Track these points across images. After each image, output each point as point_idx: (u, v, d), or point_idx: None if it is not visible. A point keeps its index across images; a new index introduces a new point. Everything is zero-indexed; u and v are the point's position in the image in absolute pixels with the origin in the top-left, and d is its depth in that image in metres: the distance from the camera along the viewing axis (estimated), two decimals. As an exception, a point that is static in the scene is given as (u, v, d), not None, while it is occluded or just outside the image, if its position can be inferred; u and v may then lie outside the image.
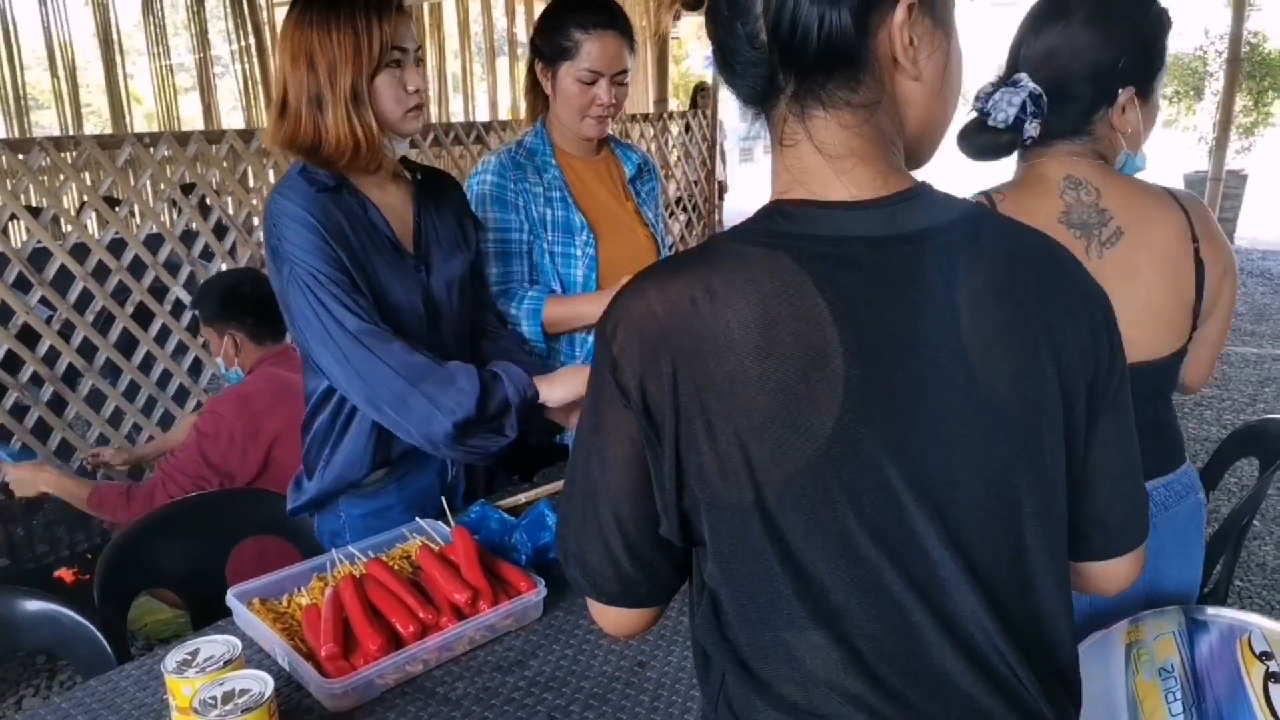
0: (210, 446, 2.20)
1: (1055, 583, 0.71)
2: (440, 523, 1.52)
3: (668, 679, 1.19)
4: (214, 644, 1.09)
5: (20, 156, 2.94)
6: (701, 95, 6.87)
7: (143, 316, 3.29)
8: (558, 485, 1.76)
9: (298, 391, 1.92)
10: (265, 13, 8.78)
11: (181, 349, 3.43)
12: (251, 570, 1.67)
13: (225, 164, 3.48)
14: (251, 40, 8.65)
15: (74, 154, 3.09)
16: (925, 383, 0.66)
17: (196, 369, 3.49)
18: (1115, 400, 0.75)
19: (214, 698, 1.00)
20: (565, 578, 0.82)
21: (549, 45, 1.85)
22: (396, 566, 1.38)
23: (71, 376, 3.13)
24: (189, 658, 1.07)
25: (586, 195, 1.95)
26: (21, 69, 7.17)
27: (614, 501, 0.73)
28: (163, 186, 3.36)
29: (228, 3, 8.53)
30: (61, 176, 3.37)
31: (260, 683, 1.02)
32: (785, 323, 0.65)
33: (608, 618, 0.80)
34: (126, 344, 3.26)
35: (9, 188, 2.94)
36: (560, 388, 1.52)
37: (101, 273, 3.17)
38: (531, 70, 1.92)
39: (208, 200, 3.53)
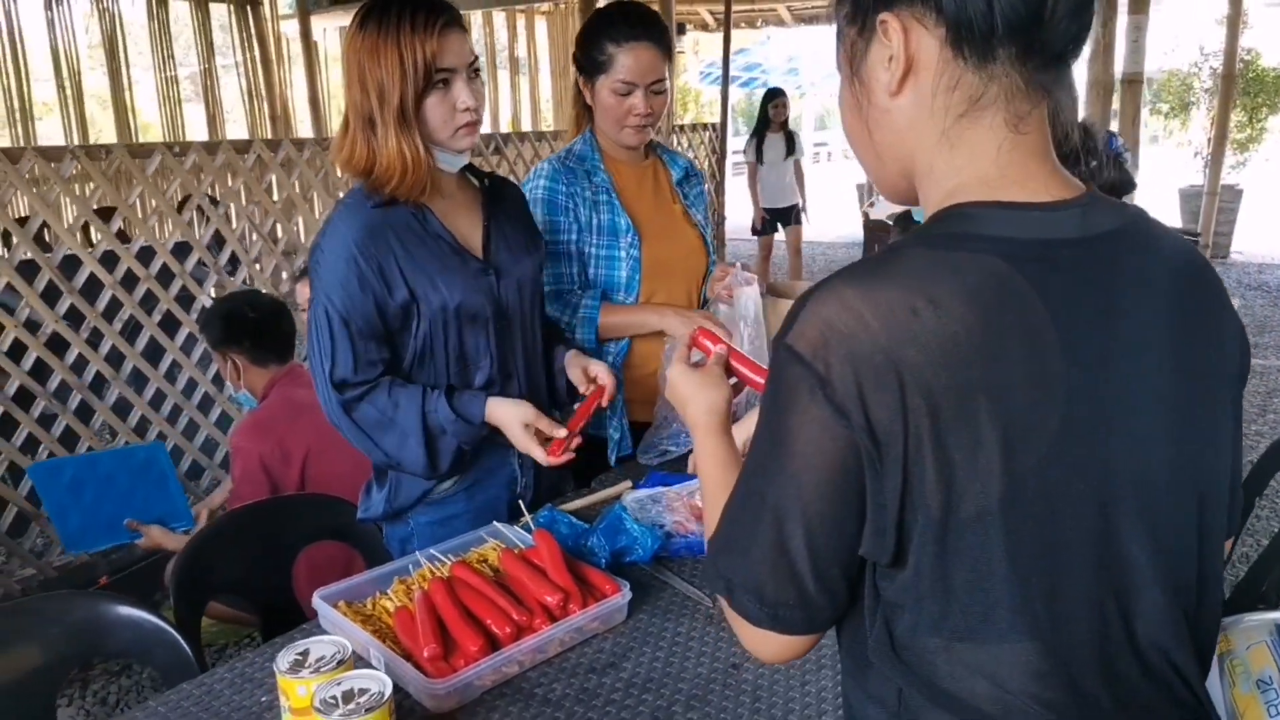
0: (250, 488, 2.23)
1: (1219, 581, 0.73)
2: (515, 527, 1.53)
3: (764, 680, 1.20)
4: (323, 645, 1.09)
5: (53, 164, 2.93)
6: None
7: (169, 325, 3.29)
8: (617, 489, 1.77)
9: (314, 407, 2.02)
10: (270, 25, 8.80)
11: (206, 358, 3.41)
12: (317, 576, 1.67)
13: (253, 173, 3.48)
14: (256, 51, 8.67)
15: (104, 162, 3.08)
16: (1131, 383, 0.67)
17: (220, 379, 3.47)
18: (1239, 397, 0.77)
19: (334, 697, 1.00)
20: (640, 583, 0.79)
21: (586, 60, 1.89)
22: (478, 570, 1.38)
23: (99, 385, 3.11)
24: (300, 658, 1.07)
25: (633, 199, 1.97)
26: (28, 79, 7.16)
27: (808, 524, 0.69)
28: (191, 195, 3.35)
29: (232, 15, 8.55)
30: (91, 185, 3.35)
31: (379, 682, 1.02)
32: (1010, 330, 0.65)
33: (770, 646, 0.75)
34: (153, 353, 3.25)
35: (34, 194, 2.93)
36: (503, 408, 1.53)
37: (130, 281, 3.16)
38: (576, 84, 1.95)
39: (233, 210, 3.53)
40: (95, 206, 3.16)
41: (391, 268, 1.47)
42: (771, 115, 6.88)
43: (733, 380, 1.13)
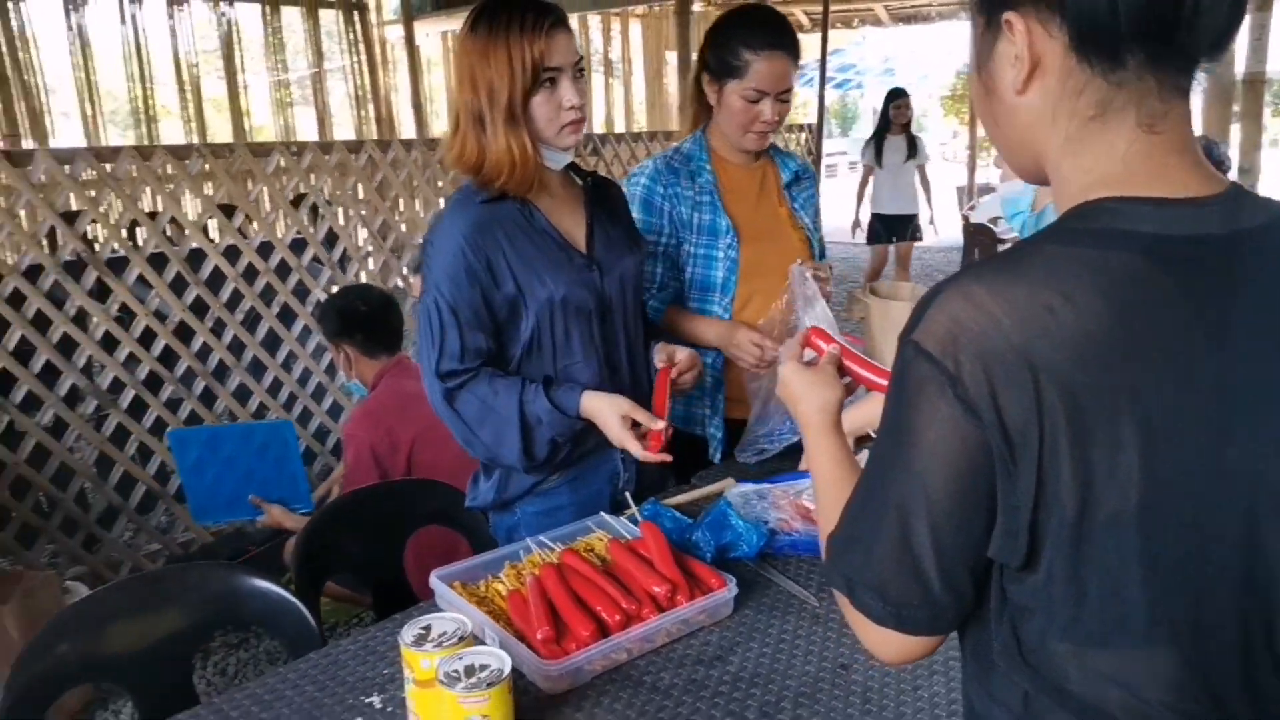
0: (361, 474, 2.33)
1: None
2: (621, 518, 1.55)
3: (874, 682, 1.19)
4: (444, 621, 1.14)
5: (183, 162, 3.11)
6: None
7: (286, 317, 3.44)
8: (720, 485, 1.78)
9: (420, 398, 2.12)
10: (376, 30, 9.11)
11: (320, 349, 3.57)
12: (425, 559, 1.74)
13: (364, 172, 3.62)
14: (363, 56, 8.99)
15: (227, 160, 3.25)
16: (1276, 384, 0.65)
17: (333, 369, 3.62)
18: None
19: (457, 671, 1.04)
20: (747, 578, 0.78)
21: (717, 62, 1.88)
22: (587, 558, 1.42)
23: (221, 372, 3.28)
24: (423, 633, 1.11)
25: (738, 200, 1.97)
26: (152, 83, 7.58)
27: (934, 523, 0.68)
28: (306, 194, 3.50)
29: (340, 20, 8.89)
30: (211, 184, 3.53)
31: (498, 659, 1.06)
32: (1151, 329, 0.64)
33: (891, 646, 0.75)
34: (271, 343, 3.41)
35: (165, 190, 3.12)
36: (599, 401, 1.55)
37: (250, 274, 3.32)
38: (697, 81, 1.97)
39: (344, 209, 3.68)
40: (218, 203, 3.33)
41: (499, 261, 1.52)
42: (893, 116, 6.58)
43: (845, 380, 1.13)
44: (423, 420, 2.29)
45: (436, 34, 9.96)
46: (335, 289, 3.53)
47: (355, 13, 8.89)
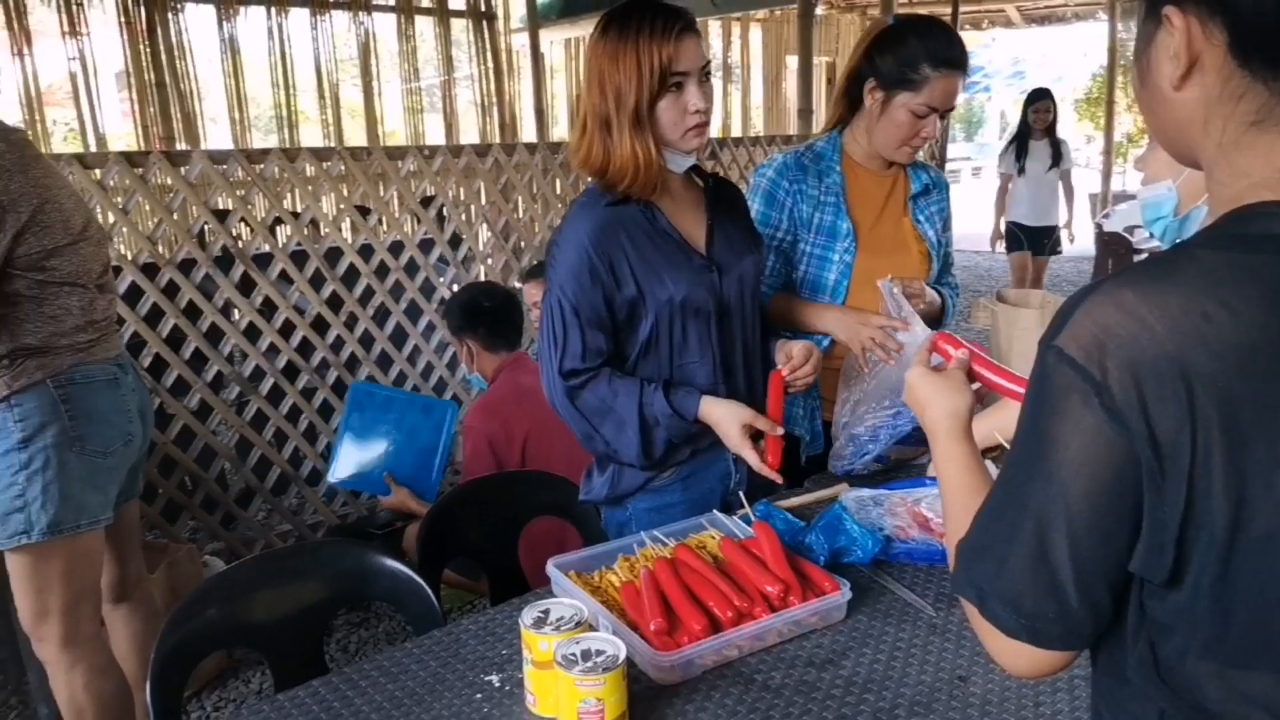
0: (478, 464, 2.42)
1: None
2: (734, 517, 1.56)
3: (994, 695, 1.16)
4: (561, 607, 1.17)
5: (323, 165, 3.29)
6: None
7: (413, 313, 3.59)
8: (835, 489, 1.76)
9: (536, 392, 2.19)
10: (503, 38, 9.38)
11: (443, 345, 3.70)
12: (537, 548, 1.78)
13: (490, 175, 3.74)
14: (489, 63, 9.27)
15: (364, 162, 3.41)
16: None
17: (454, 363, 3.76)
18: None
19: (574, 654, 1.07)
20: (861, 584, 0.78)
21: (892, 71, 1.82)
22: (700, 554, 1.43)
23: (352, 363, 3.45)
24: (542, 616, 1.15)
25: (862, 206, 1.95)
26: (295, 90, 8.02)
27: (1074, 535, 0.66)
28: (435, 195, 3.65)
29: (470, 29, 9.19)
30: (346, 186, 3.71)
31: (614, 646, 1.08)
32: None
33: (1022, 659, 0.72)
34: (398, 337, 3.56)
35: (307, 190, 3.30)
36: (719, 408, 1.56)
37: (382, 271, 3.48)
38: (848, 79, 1.94)
39: (472, 211, 3.81)
40: (354, 204, 3.51)
41: (621, 263, 1.54)
42: (1032, 120, 6.03)
43: (975, 386, 1.11)
44: (537, 414, 2.36)
45: (560, 41, 10.17)
46: (458, 287, 3.66)
47: (484, 21, 9.17)
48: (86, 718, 1.87)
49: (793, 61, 10.22)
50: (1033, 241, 6.20)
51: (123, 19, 6.35)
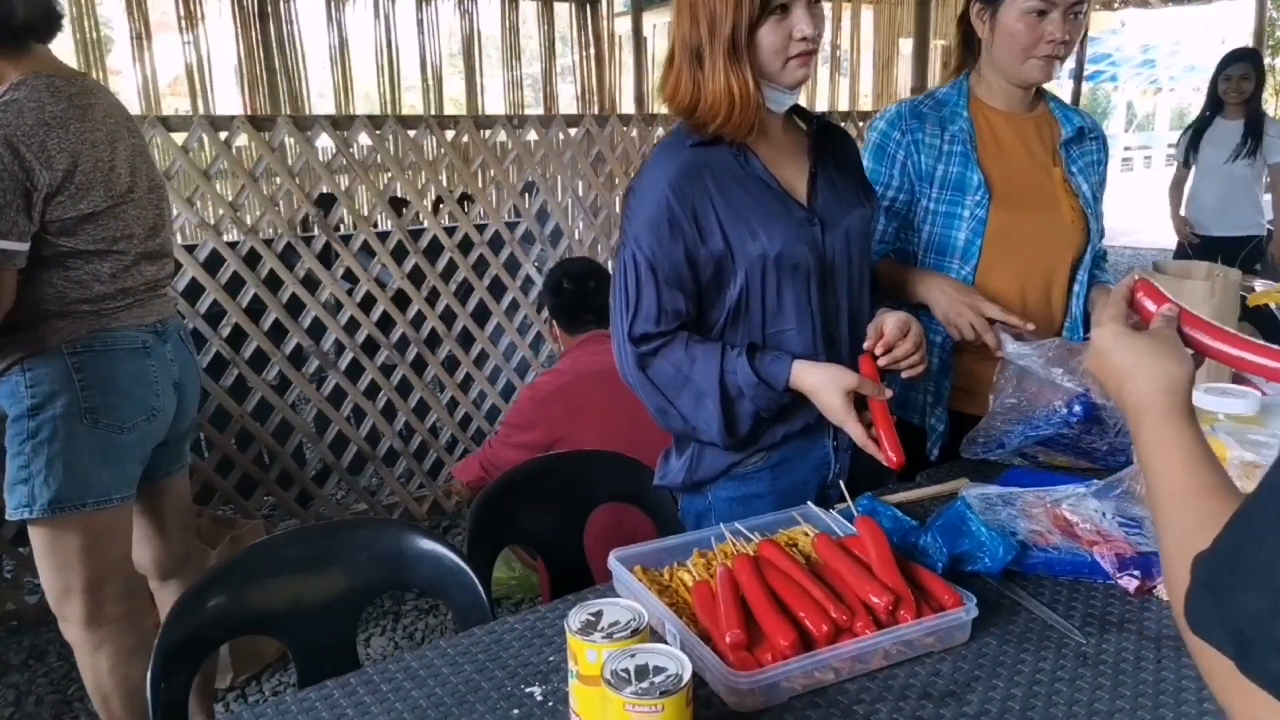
0: (513, 435, 2.28)
1: None
2: (832, 512, 1.32)
3: (1170, 751, 0.89)
4: (618, 609, 0.96)
5: (410, 133, 3.17)
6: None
7: (497, 289, 3.45)
8: (951, 485, 1.50)
9: (597, 375, 2.14)
10: (606, 22, 9.24)
11: (526, 324, 3.55)
12: (606, 538, 1.58)
13: (580, 147, 3.56)
14: (591, 49, 9.15)
15: (453, 131, 3.28)
16: None
17: (538, 344, 3.60)
18: None
19: (626, 671, 0.85)
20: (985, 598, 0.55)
21: None
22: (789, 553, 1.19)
23: (433, 340, 3.33)
24: (593, 619, 0.94)
25: (997, 155, 1.67)
26: (399, 83, 8.04)
27: None
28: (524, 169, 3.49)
29: (573, 13, 9.09)
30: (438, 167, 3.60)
31: (677, 662, 0.86)
32: None
33: None
34: (481, 315, 3.43)
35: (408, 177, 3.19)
36: (816, 373, 1.33)
37: (465, 246, 3.35)
38: (962, 22, 1.71)
39: (563, 186, 3.65)
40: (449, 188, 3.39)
41: (707, 212, 1.34)
42: (1223, 93, 4.28)
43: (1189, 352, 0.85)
44: (599, 400, 2.17)
45: (663, 25, 9.98)
46: (548, 265, 3.51)
47: (587, 6, 9.06)
48: (113, 705, 1.76)
49: (906, 45, 9.74)
50: (1225, 253, 4.28)
51: (236, 6, 6.46)
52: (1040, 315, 1.64)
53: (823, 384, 1.31)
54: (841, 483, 1.34)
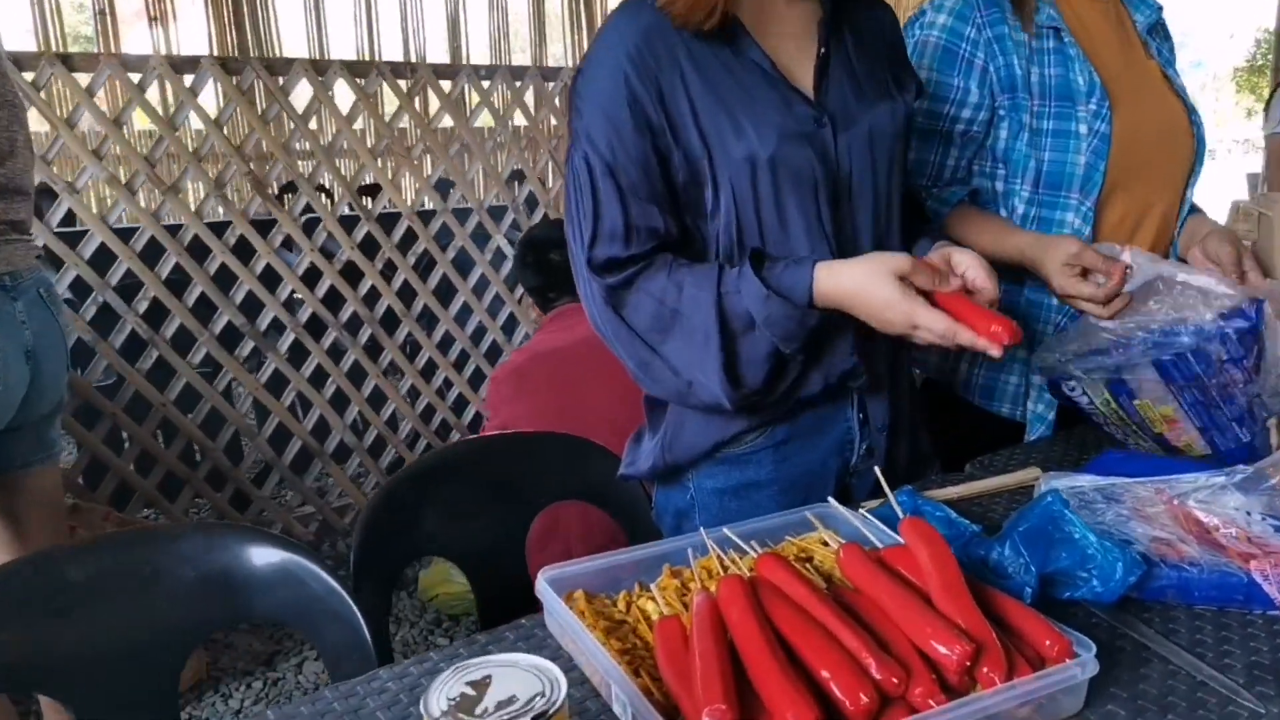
0: (487, 426, 1.95)
1: None
2: (863, 513, 0.93)
3: None
4: (519, 674, 0.57)
5: (360, 81, 2.78)
6: None
7: (463, 264, 3.06)
8: (1020, 476, 1.11)
9: (554, 351, 1.89)
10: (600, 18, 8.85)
11: (498, 304, 3.16)
12: (556, 547, 1.19)
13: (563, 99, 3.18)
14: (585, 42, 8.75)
15: (409, 80, 2.89)
16: None
17: (511, 326, 3.21)
18: None
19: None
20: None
21: None
22: (802, 573, 0.80)
23: (389, 320, 2.94)
24: (472, 694, 0.55)
25: (1090, 47, 1.26)
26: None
27: None
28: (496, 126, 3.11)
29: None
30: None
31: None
32: None
33: None
34: (445, 292, 3.03)
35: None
36: (853, 270, 0.94)
37: (426, 216, 2.96)
38: None
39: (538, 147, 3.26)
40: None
41: (677, 94, 0.97)
42: None
43: None
44: (575, 379, 1.81)
45: None
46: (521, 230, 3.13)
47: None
48: None
49: None
50: None
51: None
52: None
53: (864, 278, 0.92)
54: (878, 470, 0.94)
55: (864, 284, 0.92)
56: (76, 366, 2.43)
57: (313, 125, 2.69)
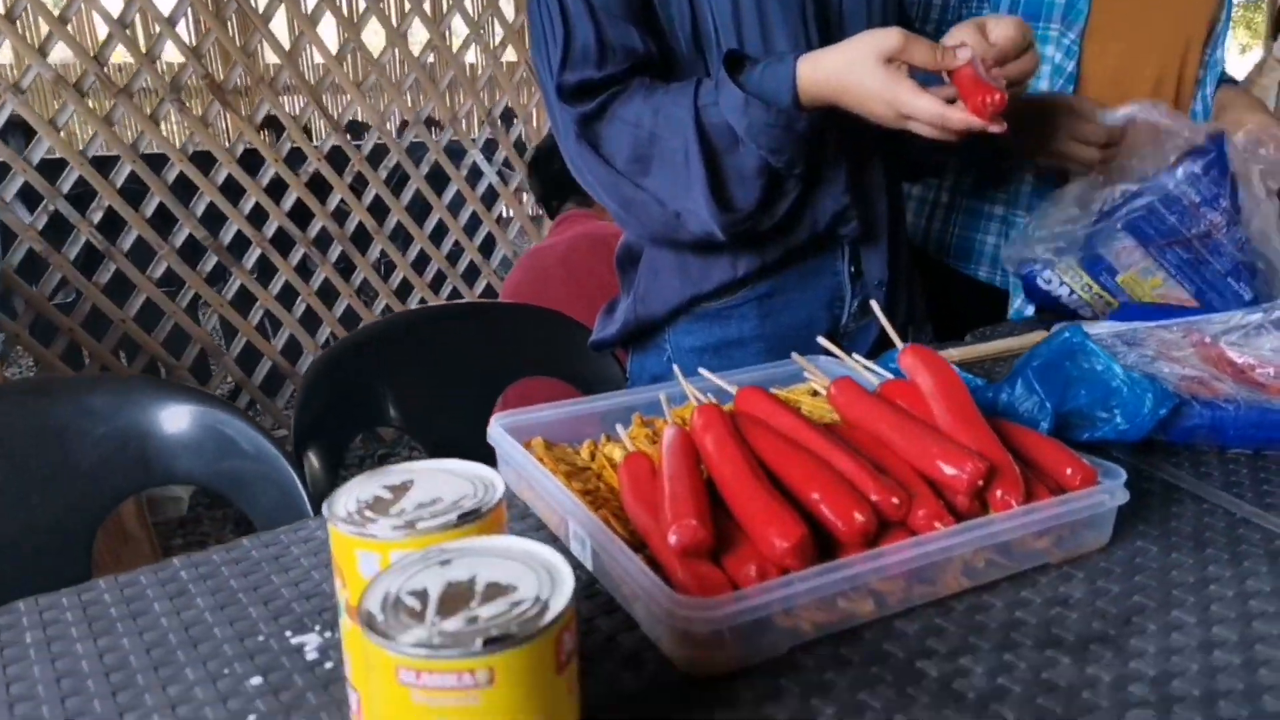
0: None
1: None
2: (855, 361, 0.83)
3: None
4: (445, 477, 0.48)
5: None
6: None
7: (438, 180, 2.92)
8: (1024, 339, 1.02)
9: (534, 253, 1.81)
10: None
11: (475, 222, 3.03)
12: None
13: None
14: None
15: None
16: None
17: (489, 246, 3.09)
18: None
19: (419, 596, 0.37)
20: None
21: None
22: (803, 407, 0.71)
23: (361, 237, 2.81)
24: (389, 495, 0.46)
25: None
26: None
27: None
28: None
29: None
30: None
31: (538, 576, 0.38)
32: None
33: None
34: (420, 210, 2.90)
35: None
36: (834, 56, 0.81)
37: (400, 127, 2.82)
38: None
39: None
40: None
41: None
42: None
43: None
44: (578, 279, 1.70)
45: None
46: (494, 155, 3.00)
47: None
48: None
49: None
50: None
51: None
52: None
53: (845, 66, 0.80)
54: (875, 304, 0.82)
55: (845, 72, 0.80)
56: (30, 280, 2.32)
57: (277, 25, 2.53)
